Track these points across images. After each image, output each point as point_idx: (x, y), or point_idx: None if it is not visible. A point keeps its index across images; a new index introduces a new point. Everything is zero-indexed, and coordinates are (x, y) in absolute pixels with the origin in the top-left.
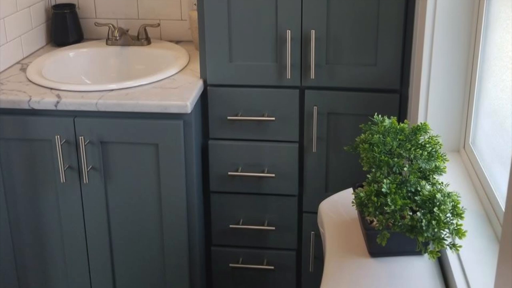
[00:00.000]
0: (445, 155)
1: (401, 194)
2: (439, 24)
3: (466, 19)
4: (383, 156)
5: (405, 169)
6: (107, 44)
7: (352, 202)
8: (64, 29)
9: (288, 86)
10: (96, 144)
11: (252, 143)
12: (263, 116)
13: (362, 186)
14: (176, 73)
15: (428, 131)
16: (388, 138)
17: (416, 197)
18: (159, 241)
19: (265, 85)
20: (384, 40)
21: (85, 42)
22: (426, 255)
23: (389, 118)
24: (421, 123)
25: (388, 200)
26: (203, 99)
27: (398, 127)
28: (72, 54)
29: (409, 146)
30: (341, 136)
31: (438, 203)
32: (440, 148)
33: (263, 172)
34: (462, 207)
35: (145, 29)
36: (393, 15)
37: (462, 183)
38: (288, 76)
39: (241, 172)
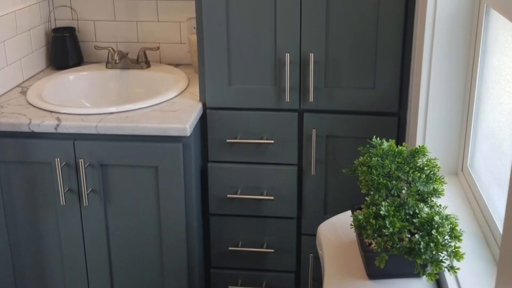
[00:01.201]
0: (443, 178)
1: (400, 217)
2: (437, 47)
3: (464, 42)
4: (381, 179)
5: (404, 191)
6: (107, 67)
7: (351, 225)
8: (64, 52)
9: (287, 109)
10: (96, 166)
11: (251, 166)
12: (262, 139)
13: (360, 209)
14: (176, 96)
15: (426, 154)
16: (387, 161)
17: (414, 220)
18: (159, 263)
19: (264, 108)
20: (382, 63)
21: (85, 65)
22: (424, 277)
23: (387, 141)
24: (419, 146)
25: (387, 222)
26: (203, 122)
27: (396, 150)
28: (72, 77)
29: (408, 168)
30: (340, 159)
31: (436, 226)
32: (438, 170)
33: (262, 194)
34: (460, 229)
35: (144, 53)
36: (391, 39)
37: (460, 206)
38: (287, 99)
39: (240, 194)
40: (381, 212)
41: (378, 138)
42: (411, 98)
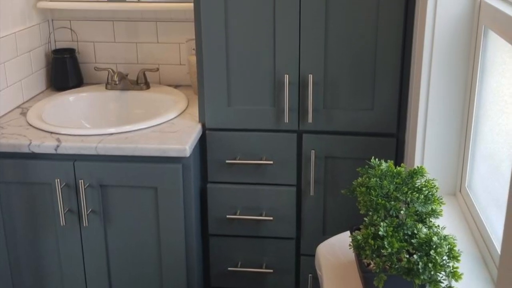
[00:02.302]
0: (441, 199)
1: (398, 237)
2: (436, 69)
3: (463, 64)
4: (380, 200)
5: (402, 212)
6: (106, 88)
7: (350, 245)
8: (64, 73)
9: (286, 130)
10: (95, 187)
11: (251, 187)
12: (261, 159)
13: (359, 229)
14: (175, 117)
15: (425, 174)
16: (385, 181)
17: (412, 240)
18: (159, 284)
19: (263, 129)
20: (381, 84)
21: (85, 86)
22: None
23: (386, 161)
24: (417, 167)
25: (385, 243)
26: (202, 143)
27: (395, 170)
28: (72, 99)
29: (406, 189)
30: (339, 180)
31: (434, 246)
32: (436, 191)
33: (261, 215)
34: (459, 250)
35: (144, 74)
36: (389, 60)
37: (459, 226)
38: (286, 120)
39: (239, 215)
40: (380, 233)
41: (376, 159)
42: (409, 119)
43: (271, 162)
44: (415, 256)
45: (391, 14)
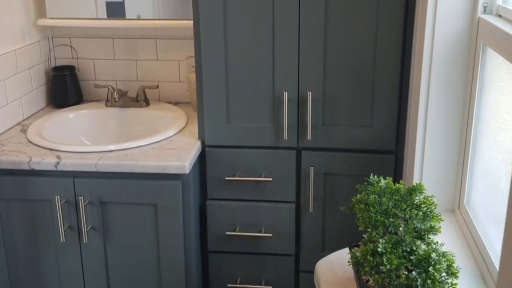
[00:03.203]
0: (440, 215)
1: (397, 254)
2: (434, 85)
3: (461, 81)
4: (379, 216)
5: (401, 229)
6: (106, 105)
7: (348, 262)
8: (64, 91)
9: (285, 147)
10: (95, 204)
11: (250, 203)
12: (260, 176)
13: (358, 246)
14: (175, 134)
15: (423, 191)
16: (384, 198)
17: (411, 257)
18: None
19: (263, 146)
20: (379, 101)
21: (85, 103)
22: None
23: (384, 178)
24: (416, 184)
25: (384, 259)
26: (201, 160)
27: (393, 187)
28: (72, 116)
29: (405, 206)
30: (338, 197)
31: (433, 263)
32: (435, 208)
33: (260, 232)
34: (457, 266)
35: (144, 91)
36: (388, 78)
37: (457, 243)
38: (285, 137)
39: (239, 232)
40: (379, 249)
41: (375, 176)
42: (408, 136)
43: (270, 179)
44: (413, 272)
45: (389, 32)
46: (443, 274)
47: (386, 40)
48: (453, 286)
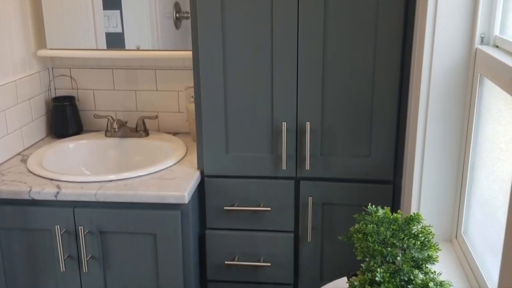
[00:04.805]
0: (437, 245)
1: (395, 283)
2: (432, 116)
3: (458, 111)
4: (377, 246)
5: (399, 258)
6: (106, 135)
7: None
8: (64, 121)
9: (283, 177)
10: (95, 233)
11: (249, 233)
12: (259, 206)
13: (356, 275)
14: (174, 164)
15: (421, 221)
16: (382, 228)
17: (409, 286)
18: None
19: (261, 176)
20: (377, 132)
21: (85, 133)
22: None
23: (382, 208)
24: (414, 213)
25: None
26: (200, 189)
27: (391, 217)
28: (72, 146)
29: (402, 235)
30: (336, 226)
31: None
32: (432, 237)
33: (259, 261)
34: None
35: (143, 121)
36: (386, 108)
37: (455, 272)
38: (284, 167)
39: (237, 261)
40: (377, 279)
41: (373, 206)
42: (406, 166)
43: (269, 208)
44: None
45: (387, 63)
46: None
47: (384, 71)
48: None
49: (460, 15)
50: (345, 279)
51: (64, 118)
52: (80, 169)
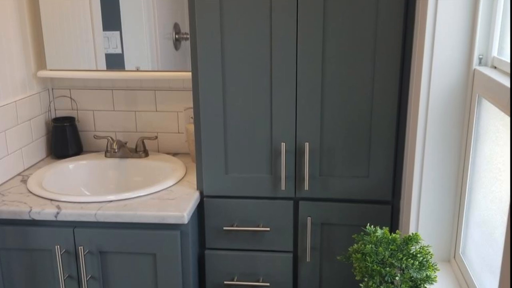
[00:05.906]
0: (436, 265)
1: None
2: (430, 136)
3: (457, 132)
4: (375, 266)
5: (397, 278)
6: (106, 156)
7: None
8: (64, 141)
9: (282, 198)
10: (95, 254)
11: (248, 253)
12: (258, 226)
13: None
14: (173, 184)
15: (419, 241)
16: (380, 248)
17: None
18: None
19: (260, 196)
20: (376, 153)
21: (85, 154)
22: None
23: (381, 228)
24: (412, 234)
25: None
26: (200, 210)
27: (390, 237)
28: (72, 166)
29: (401, 256)
30: (335, 246)
31: None
32: (431, 257)
33: (258, 281)
34: None
35: (143, 142)
36: (385, 128)
37: None
38: (283, 187)
39: (236, 281)
40: None
41: (372, 226)
42: (404, 187)
43: (268, 228)
44: None
45: (386, 83)
46: None
47: (382, 92)
48: None
49: (458, 36)
50: None
51: (64, 138)
52: (80, 190)
